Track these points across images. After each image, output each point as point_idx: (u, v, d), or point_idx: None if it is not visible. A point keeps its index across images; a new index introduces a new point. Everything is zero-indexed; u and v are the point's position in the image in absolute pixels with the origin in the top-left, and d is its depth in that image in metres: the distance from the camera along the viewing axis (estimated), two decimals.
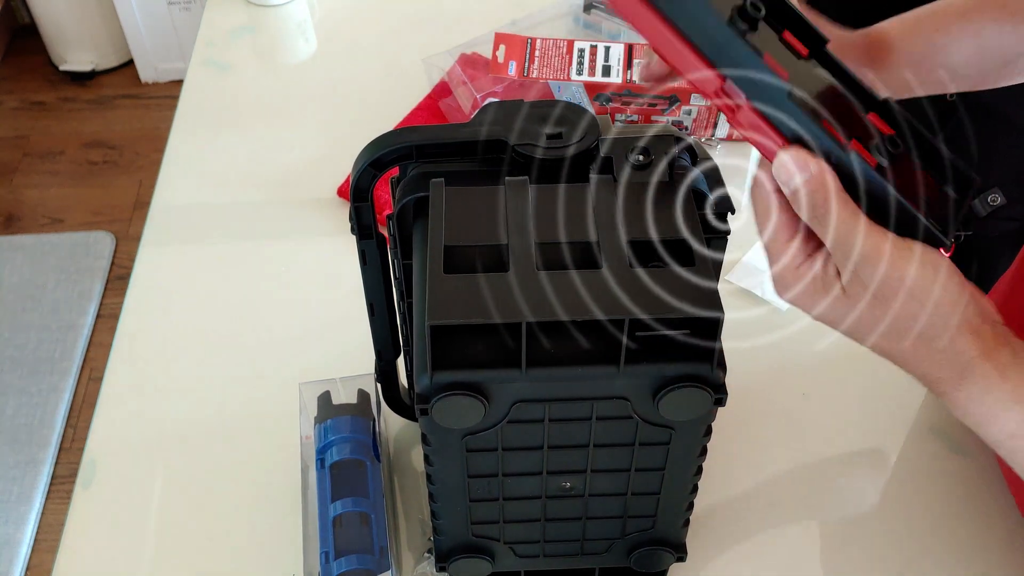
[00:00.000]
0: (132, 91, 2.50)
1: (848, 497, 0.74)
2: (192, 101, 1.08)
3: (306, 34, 1.18)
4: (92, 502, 0.73)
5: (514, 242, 0.49)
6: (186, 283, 0.89)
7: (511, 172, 0.54)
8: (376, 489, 0.67)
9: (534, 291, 0.47)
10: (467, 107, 0.99)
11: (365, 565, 0.62)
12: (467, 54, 1.03)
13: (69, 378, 1.87)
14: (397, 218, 0.56)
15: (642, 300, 0.46)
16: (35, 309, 1.98)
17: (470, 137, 0.55)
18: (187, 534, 0.71)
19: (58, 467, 1.75)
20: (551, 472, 0.56)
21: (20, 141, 2.38)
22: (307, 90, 1.10)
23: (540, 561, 0.64)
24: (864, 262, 0.45)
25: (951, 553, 0.70)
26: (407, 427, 0.77)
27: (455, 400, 0.48)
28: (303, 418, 0.72)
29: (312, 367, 0.76)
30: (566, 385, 0.50)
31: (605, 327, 0.47)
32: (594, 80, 0.97)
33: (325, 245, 0.91)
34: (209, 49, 1.15)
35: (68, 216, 2.20)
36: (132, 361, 0.82)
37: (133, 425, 0.78)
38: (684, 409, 0.50)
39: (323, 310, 0.85)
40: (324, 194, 0.96)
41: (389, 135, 0.56)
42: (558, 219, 0.51)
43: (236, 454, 0.75)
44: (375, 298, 0.65)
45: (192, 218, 0.95)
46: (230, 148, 1.02)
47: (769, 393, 0.79)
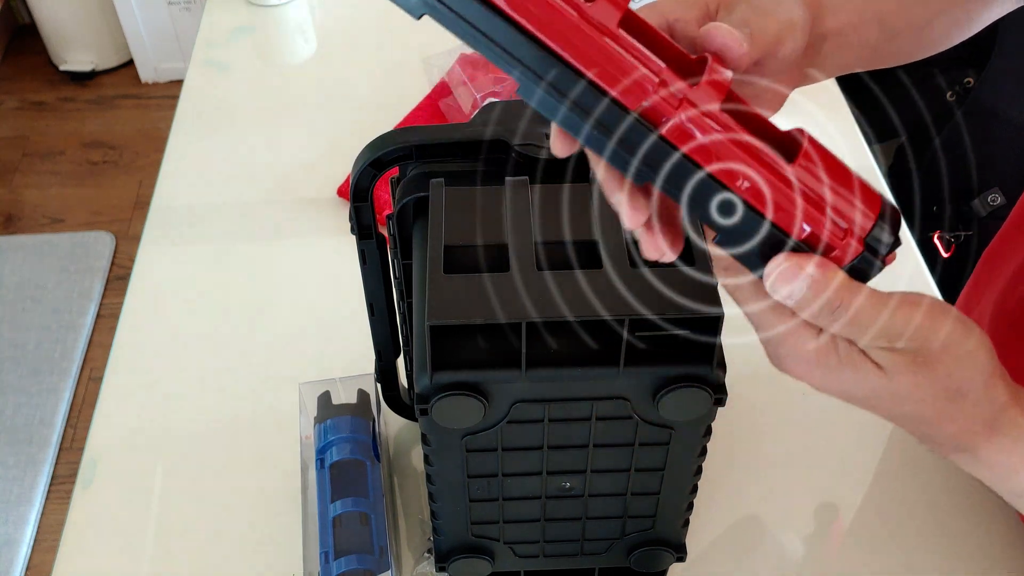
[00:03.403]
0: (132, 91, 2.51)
1: (848, 497, 0.74)
2: (192, 101, 1.08)
3: (306, 34, 1.18)
4: (92, 502, 0.73)
5: (514, 242, 0.49)
6: (186, 283, 0.89)
7: (511, 172, 0.54)
8: (376, 489, 0.67)
9: (534, 291, 0.47)
10: (467, 107, 0.99)
11: (365, 565, 0.62)
12: (467, 54, 1.03)
13: (69, 378, 1.87)
14: (397, 218, 0.56)
15: (642, 300, 0.46)
16: (35, 309, 1.98)
17: (470, 137, 0.55)
18: (187, 534, 0.71)
19: (58, 467, 1.75)
20: (551, 472, 0.56)
21: (20, 141, 2.38)
22: (307, 90, 1.10)
23: (540, 561, 0.64)
24: (901, 337, 0.41)
25: (951, 553, 0.70)
26: (407, 427, 0.77)
27: (455, 400, 0.48)
28: (303, 418, 0.72)
29: (312, 367, 0.76)
30: (566, 385, 0.50)
31: (605, 327, 0.47)
32: None
33: (325, 245, 0.91)
34: (209, 49, 1.15)
35: (68, 216, 2.20)
36: (132, 361, 0.82)
37: (133, 425, 0.78)
38: (684, 409, 0.50)
39: (323, 310, 0.85)
40: (324, 194, 0.96)
41: (389, 135, 0.56)
42: (558, 219, 0.51)
43: (236, 454, 0.75)
44: (375, 298, 0.65)
45: (192, 218, 0.95)
46: (230, 148, 1.02)
47: (769, 393, 0.79)
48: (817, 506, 0.73)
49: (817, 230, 0.40)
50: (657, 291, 0.47)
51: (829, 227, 0.40)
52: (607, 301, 0.46)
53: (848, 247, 0.40)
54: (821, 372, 0.43)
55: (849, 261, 0.41)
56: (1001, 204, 1.15)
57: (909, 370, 0.42)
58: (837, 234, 0.40)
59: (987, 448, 0.45)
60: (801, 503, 0.73)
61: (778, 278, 0.40)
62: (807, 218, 0.40)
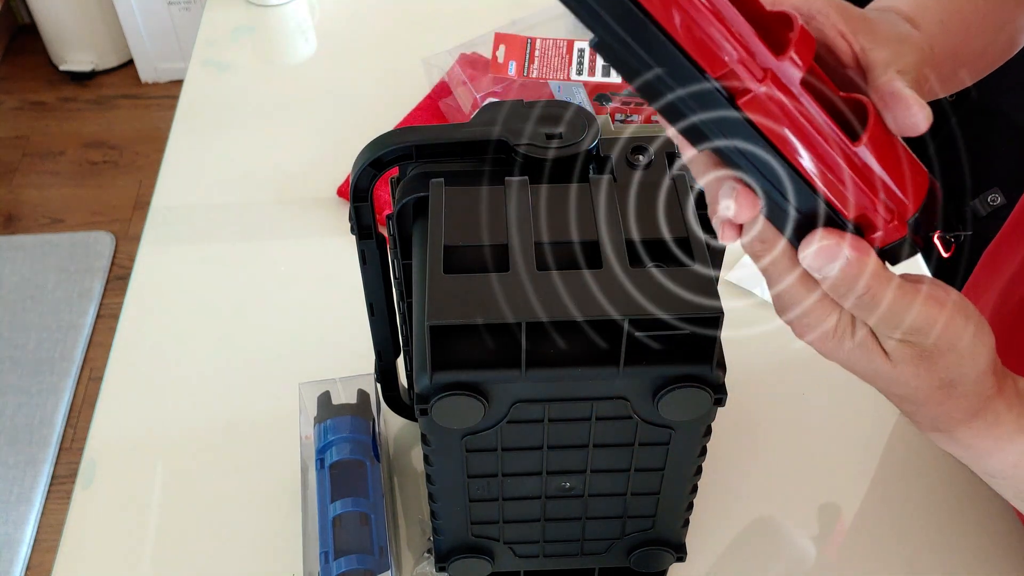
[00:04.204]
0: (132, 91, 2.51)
1: (848, 497, 0.74)
2: (192, 101, 1.08)
3: (306, 34, 1.18)
4: (92, 502, 0.73)
5: (514, 242, 0.49)
6: (186, 283, 0.89)
7: (511, 172, 0.54)
8: (376, 489, 0.67)
9: (534, 291, 0.47)
10: (467, 107, 0.99)
11: (365, 565, 0.62)
12: (467, 54, 1.03)
13: (69, 378, 1.87)
14: (397, 218, 0.56)
15: (642, 300, 0.46)
16: (35, 309, 1.98)
17: (470, 137, 0.55)
18: (187, 534, 0.71)
19: (58, 467, 1.75)
20: (551, 472, 0.56)
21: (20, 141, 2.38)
22: (307, 90, 1.10)
23: (540, 561, 0.64)
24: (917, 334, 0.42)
25: (952, 553, 0.70)
26: (407, 427, 0.77)
27: (455, 400, 0.48)
28: (303, 418, 0.72)
29: (312, 367, 0.76)
30: (566, 385, 0.50)
31: (605, 327, 0.47)
32: (594, 80, 0.97)
33: (325, 245, 0.91)
34: (209, 49, 1.15)
35: (68, 216, 2.20)
36: (132, 361, 0.82)
37: (133, 425, 0.78)
38: (684, 409, 0.50)
39: (323, 310, 0.85)
40: (324, 194, 0.96)
41: (389, 135, 0.56)
42: (558, 219, 0.51)
43: (236, 454, 0.75)
44: (375, 298, 0.65)
45: (192, 218, 0.95)
46: (230, 148, 1.02)
47: (769, 393, 0.79)
48: (817, 506, 0.73)
49: (868, 212, 0.40)
50: (657, 290, 0.47)
51: (881, 210, 0.40)
52: (607, 301, 0.46)
53: (892, 229, 0.40)
54: (833, 345, 0.44)
55: (889, 243, 0.40)
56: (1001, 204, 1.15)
57: (913, 362, 0.43)
58: (885, 216, 0.40)
59: (964, 431, 0.46)
60: (801, 503, 0.73)
61: (816, 254, 0.40)
62: (859, 199, 0.39)
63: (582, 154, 0.54)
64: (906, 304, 0.41)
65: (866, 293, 0.40)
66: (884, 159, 0.39)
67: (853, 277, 0.40)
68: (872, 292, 0.40)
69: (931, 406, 0.45)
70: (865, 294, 0.40)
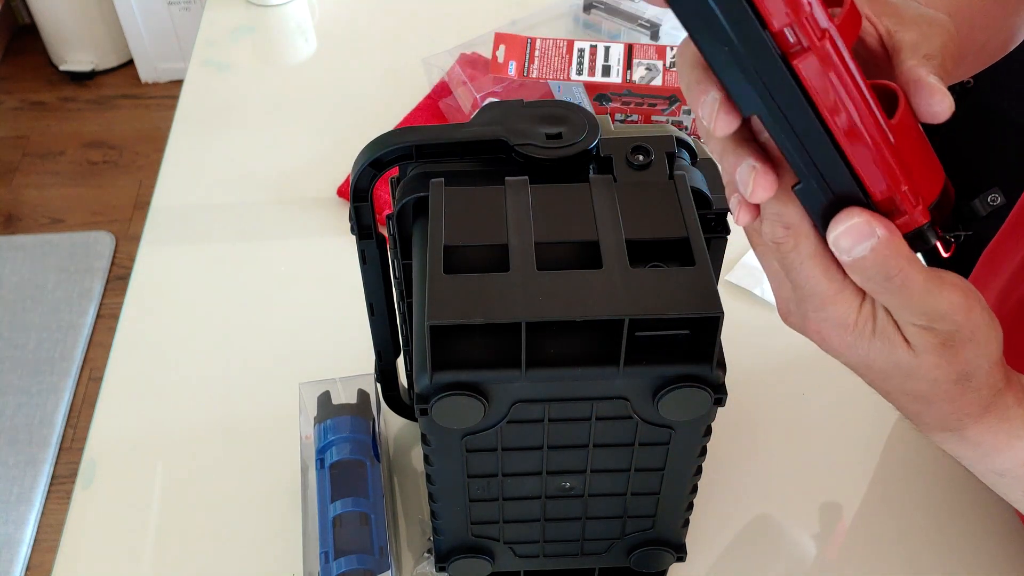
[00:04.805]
0: (132, 91, 2.51)
1: (848, 497, 0.74)
2: (192, 101, 1.08)
3: (306, 34, 1.18)
4: (92, 502, 0.73)
5: (514, 242, 0.49)
6: (186, 283, 0.89)
7: (511, 172, 0.54)
8: (376, 489, 0.67)
9: (534, 291, 0.47)
10: (467, 107, 0.99)
11: (365, 565, 0.62)
12: (467, 54, 1.03)
13: (69, 378, 1.87)
14: (397, 218, 0.56)
15: (642, 300, 0.46)
16: (35, 309, 1.98)
17: (470, 137, 0.55)
18: (187, 534, 0.71)
19: (58, 467, 1.75)
20: (551, 472, 0.56)
21: (20, 141, 2.38)
22: (307, 90, 1.10)
23: (540, 561, 0.64)
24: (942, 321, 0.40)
25: (952, 553, 0.70)
26: (407, 427, 0.77)
27: (455, 400, 0.48)
28: (303, 418, 0.72)
29: (312, 367, 0.76)
30: (566, 385, 0.50)
31: (605, 327, 0.47)
32: (594, 80, 0.97)
33: (325, 245, 0.91)
34: (209, 49, 1.15)
35: (68, 216, 2.20)
36: (132, 361, 0.82)
37: (133, 425, 0.78)
38: (684, 409, 0.50)
39: (323, 310, 0.85)
40: (324, 194, 0.96)
41: (389, 135, 0.56)
42: (558, 219, 0.51)
43: (236, 454, 0.75)
44: (375, 298, 0.65)
45: (192, 218, 0.95)
46: (230, 148, 1.02)
47: (769, 393, 0.79)
48: (817, 506, 0.73)
49: (897, 193, 0.39)
50: (657, 291, 0.47)
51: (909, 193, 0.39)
52: (607, 301, 0.46)
53: (917, 214, 0.39)
54: (852, 339, 0.42)
55: (912, 228, 0.40)
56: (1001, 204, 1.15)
57: (936, 351, 0.41)
58: (910, 200, 0.39)
59: (975, 427, 0.45)
60: (801, 503, 0.73)
61: (847, 232, 0.39)
62: (892, 178, 0.38)
63: (582, 154, 0.54)
64: (935, 287, 0.40)
65: (898, 274, 0.38)
66: (913, 143, 0.39)
67: (885, 258, 0.38)
68: (904, 274, 0.39)
69: (944, 403, 0.44)
70: (897, 275, 0.39)
